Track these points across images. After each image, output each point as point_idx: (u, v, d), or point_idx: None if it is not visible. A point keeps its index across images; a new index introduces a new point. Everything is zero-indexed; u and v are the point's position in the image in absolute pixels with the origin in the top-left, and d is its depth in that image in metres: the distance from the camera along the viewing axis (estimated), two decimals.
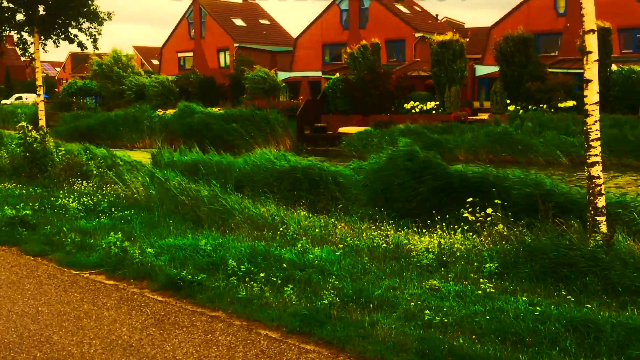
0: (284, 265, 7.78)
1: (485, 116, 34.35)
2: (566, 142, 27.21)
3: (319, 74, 47.34)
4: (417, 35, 45.97)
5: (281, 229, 10.01)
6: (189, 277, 7.47)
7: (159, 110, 42.42)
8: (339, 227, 10.64)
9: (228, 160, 16.18)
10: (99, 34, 23.74)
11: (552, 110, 32.38)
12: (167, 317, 6.63)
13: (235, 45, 54.21)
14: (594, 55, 7.49)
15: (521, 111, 33.21)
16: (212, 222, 10.93)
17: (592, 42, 7.44)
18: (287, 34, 62.17)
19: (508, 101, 34.53)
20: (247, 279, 7.39)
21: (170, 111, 41.44)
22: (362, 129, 34.97)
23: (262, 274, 7.41)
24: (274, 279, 7.30)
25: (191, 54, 58.63)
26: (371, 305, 6.55)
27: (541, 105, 33.05)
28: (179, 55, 59.89)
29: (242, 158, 16.29)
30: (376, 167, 12.89)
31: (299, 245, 8.82)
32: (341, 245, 9.01)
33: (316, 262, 7.93)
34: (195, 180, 13.55)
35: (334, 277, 7.44)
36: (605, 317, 5.88)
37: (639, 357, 5.14)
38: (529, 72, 34.53)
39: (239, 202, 11.81)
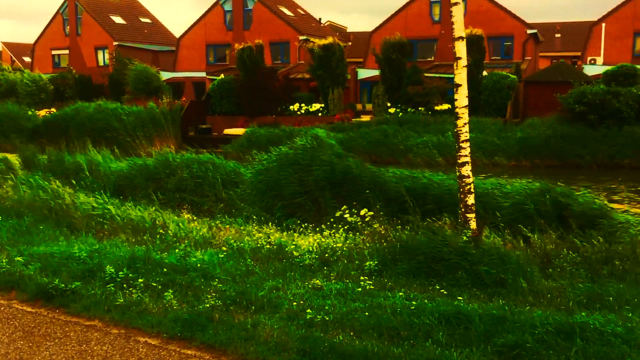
0: (165, 269, 7.61)
1: (367, 118, 35.32)
2: (443, 143, 28.54)
3: (203, 74, 46.62)
4: (301, 37, 46.48)
5: (162, 232, 9.77)
6: (62, 285, 7.11)
7: (36, 109, 39.85)
8: (223, 229, 10.56)
9: (107, 161, 15.55)
10: None
11: (430, 112, 33.89)
12: (37, 328, 6.28)
13: (115, 43, 52.14)
14: (463, 61, 7.92)
15: (400, 114, 34.49)
16: (89, 228, 10.47)
17: (461, 49, 7.87)
18: (169, 33, 60.66)
19: (389, 104, 35.73)
20: (125, 285, 7.15)
21: (45, 111, 39.13)
22: (245, 130, 34.82)
23: (141, 280, 7.20)
24: (154, 284, 7.11)
25: (67, 51, 55.71)
26: (254, 307, 6.55)
27: (419, 108, 34.51)
28: (54, 52, 56.75)
29: (123, 160, 15.73)
30: (262, 167, 12.90)
31: (181, 248, 8.65)
32: (225, 248, 8.93)
33: (199, 265, 7.82)
34: (71, 184, 12.92)
35: (216, 280, 7.37)
36: (474, 309, 6.24)
37: (504, 344, 5.49)
38: (408, 76, 35.93)
39: (118, 206, 11.41)
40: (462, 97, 7.98)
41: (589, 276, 7.71)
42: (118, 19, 56.10)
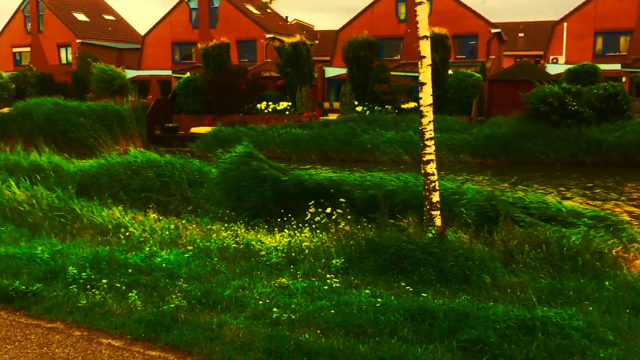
0: (129, 270, 7.51)
1: (335, 116, 35.40)
2: (409, 141, 28.74)
3: (169, 72, 46.13)
4: (267, 36, 46.34)
5: (127, 233, 9.64)
6: (23, 287, 6.98)
7: None
8: (190, 228, 10.47)
9: (70, 161, 15.29)
10: None
11: (397, 111, 34.14)
12: None
13: (78, 41, 51.25)
14: (428, 60, 7.99)
15: (368, 112, 34.66)
16: (52, 229, 10.29)
17: (425, 48, 7.94)
18: (134, 31, 59.87)
19: (356, 102, 35.87)
20: (88, 286, 7.05)
21: (7, 109, 38.25)
22: (214, 128, 34.59)
23: (105, 281, 7.11)
24: (118, 285, 7.02)
25: (28, 49, 54.56)
26: (220, 306, 6.52)
27: (386, 106, 34.72)
28: (14, 50, 55.52)
29: (88, 159, 15.48)
30: (224, 168, 12.82)
31: (146, 249, 8.56)
32: (191, 247, 8.86)
33: (164, 265, 7.75)
34: (33, 184, 12.67)
35: (182, 280, 7.31)
36: (439, 305, 6.31)
37: (467, 339, 5.56)
38: (375, 74, 36.13)
39: (81, 207, 11.23)
40: (426, 96, 8.05)
41: (551, 272, 7.86)
42: (81, 16, 55.15)
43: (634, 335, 5.61)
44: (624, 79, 35.43)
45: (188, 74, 41.16)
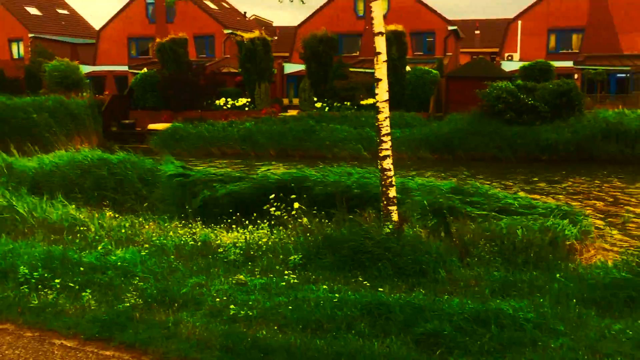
0: (83, 269, 7.38)
1: (294, 112, 35.36)
2: (368, 137, 28.89)
3: (126, 68, 45.34)
4: (226, 31, 45.96)
5: (82, 230, 9.47)
6: None
7: None
8: (147, 226, 10.34)
9: (24, 159, 14.93)
10: None
11: (355, 107, 34.29)
12: None
13: (30, 35, 49.91)
14: (383, 56, 8.05)
15: (327, 108, 34.74)
16: (3, 228, 10.03)
17: (381, 44, 7.99)
18: (89, 26, 58.60)
19: (315, 98, 35.90)
20: (40, 286, 6.90)
21: None
22: (171, 125, 34.15)
23: (58, 280, 6.96)
24: (72, 285, 6.89)
25: None
26: (176, 304, 6.46)
27: (345, 103, 34.85)
28: None
29: (39, 157, 15.11)
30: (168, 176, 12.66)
31: (100, 247, 8.41)
32: (147, 245, 8.76)
33: (119, 263, 7.63)
34: None
35: (137, 278, 7.22)
36: (396, 299, 6.37)
37: (423, 333, 5.63)
38: (334, 70, 36.22)
39: (34, 205, 10.97)
40: (382, 92, 8.11)
41: (504, 265, 8.02)
42: (33, 10, 53.72)
43: (583, 325, 5.77)
44: (576, 76, 36.33)
45: (145, 69, 40.52)
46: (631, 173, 23.40)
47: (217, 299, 6.54)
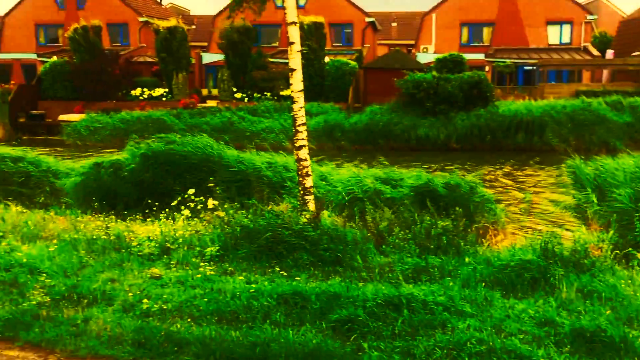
0: None
1: (214, 103, 34.88)
2: (289, 127, 28.90)
3: (34, 56, 43.29)
4: (141, 19, 44.67)
5: None
6: None
7: None
8: (57, 221, 9.95)
9: None
10: None
11: (276, 98, 34.21)
12: None
13: None
14: (297, 46, 8.05)
15: (247, 99, 34.49)
16: None
17: (294, 34, 7.99)
18: None
19: (235, 89, 35.54)
20: None
21: None
22: (85, 116, 32.93)
23: None
24: None
25: None
26: (86, 300, 6.26)
27: (265, 93, 34.70)
28: None
29: None
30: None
31: (5, 244, 8.02)
32: (56, 241, 8.43)
33: (25, 260, 7.30)
34: None
35: (45, 275, 6.93)
36: (312, 288, 6.43)
37: (337, 319, 5.71)
38: (253, 61, 35.96)
39: None
40: (297, 82, 8.12)
41: (417, 251, 8.25)
42: None
43: (489, 306, 6.02)
44: (487, 68, 37.68)
45: (55, 58, 38.83)
46: (537, 161, 24.52)
47: (130, 294, 6.39)
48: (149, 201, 10.63)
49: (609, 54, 39.57)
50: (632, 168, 10.37)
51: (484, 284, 6.64)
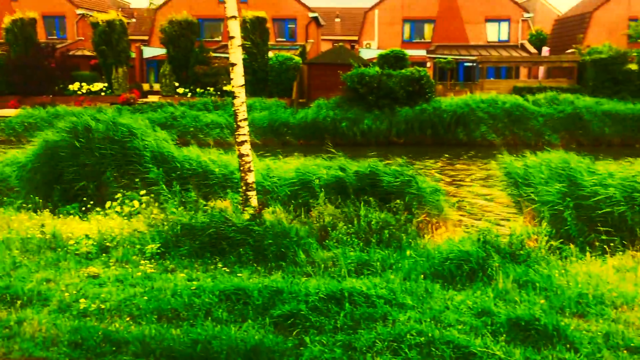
0: None
1: (155, 98, 34.24)
2: (233, 123, 28.58)
3: None
4: (78, 12, 43.38)
5: None
6: None
7: None
8: None
9: None
10: None
11: (219, 93, 33.84)
12: None
13: None
14: (237, 41, 7.98)
15: (190, 94, 33.99)
16: None
17: (234, 28, 7.91)
18: None
19: (177, 84, 34.98)
20: None
21: None
22: (20, 111, 31.78)
23: None
24: None
25: None
26: (20, 301, 6.06)
27: (208, 88, 34.29)
28: None
29: None
30: (37, 152, 11.87)
31: None
32: None
33: None
34: None
35: None
36: (255, 284, 6.40)
37: (280, 315, 5.71)
38: (195, 55, 35.46)
39: None
40: (238, 76, 8.05)
41: (360, 245, 8.32)
42: None
43: (429, 298, 6.13)
44: (428, 65, 38.31)
45: None
46: (475, 155, 25.11)
47: (67, 294, 6.22)
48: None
49: (545, 51, 40.86)
50: (556, 164, 10.77)
51: (424, 276, 6.75)
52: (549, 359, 4.85)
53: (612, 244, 8.50)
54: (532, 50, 40.35)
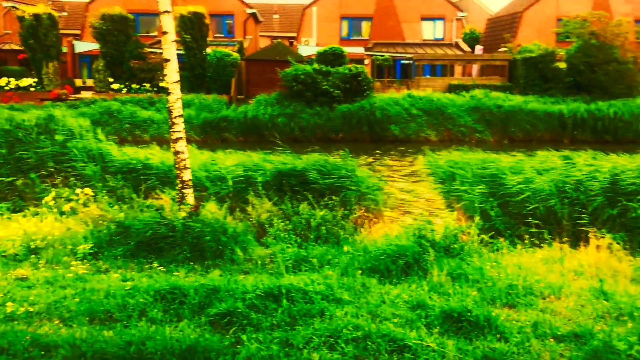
0: None
1: (89, 94, 33.25)
2: None
3: None
4: (5, 4, 41.66)
5: None
6: None
7: None
8: None
9: None
10: None
11: (155, 89, 33.17)
12: None
13: None
14: (171, 36, 7.83)
15: (125, 90, 33.18)
16: None
17: (167, 23, 7.76)
18: None
19: (111, 79, 34.08)
20: None
21: None
22: None
23: None
24: None
25: None
26: None
27: (144, 84, 33.56)
28: None
29: None
30: None
31: None
32: None
33: None
34: None
35: None
36: (191, 282, 6.31)
37: (217, 313, 5.65)
38: (130, 51, 34.63)
39: None
40: (172, 72, 7.91)
41: (298, 241, 8.34)
42: None
43: (366, 293, 6.20)
44: (366, 62, 38.66)
45: None
46: (406, 151, 25.52)
47: None
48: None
49: (478, 49, 41.93)
50: (475, 162, 11.22)
51: (361, 271, 6.82)
52: (480, 349, 4.98)
53: (541, 236, 8.83)
54: (466, 48, 41.33)
